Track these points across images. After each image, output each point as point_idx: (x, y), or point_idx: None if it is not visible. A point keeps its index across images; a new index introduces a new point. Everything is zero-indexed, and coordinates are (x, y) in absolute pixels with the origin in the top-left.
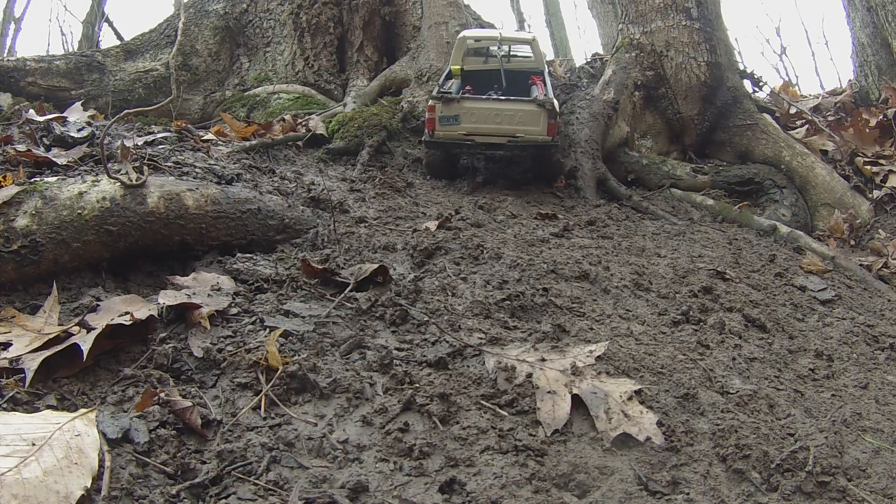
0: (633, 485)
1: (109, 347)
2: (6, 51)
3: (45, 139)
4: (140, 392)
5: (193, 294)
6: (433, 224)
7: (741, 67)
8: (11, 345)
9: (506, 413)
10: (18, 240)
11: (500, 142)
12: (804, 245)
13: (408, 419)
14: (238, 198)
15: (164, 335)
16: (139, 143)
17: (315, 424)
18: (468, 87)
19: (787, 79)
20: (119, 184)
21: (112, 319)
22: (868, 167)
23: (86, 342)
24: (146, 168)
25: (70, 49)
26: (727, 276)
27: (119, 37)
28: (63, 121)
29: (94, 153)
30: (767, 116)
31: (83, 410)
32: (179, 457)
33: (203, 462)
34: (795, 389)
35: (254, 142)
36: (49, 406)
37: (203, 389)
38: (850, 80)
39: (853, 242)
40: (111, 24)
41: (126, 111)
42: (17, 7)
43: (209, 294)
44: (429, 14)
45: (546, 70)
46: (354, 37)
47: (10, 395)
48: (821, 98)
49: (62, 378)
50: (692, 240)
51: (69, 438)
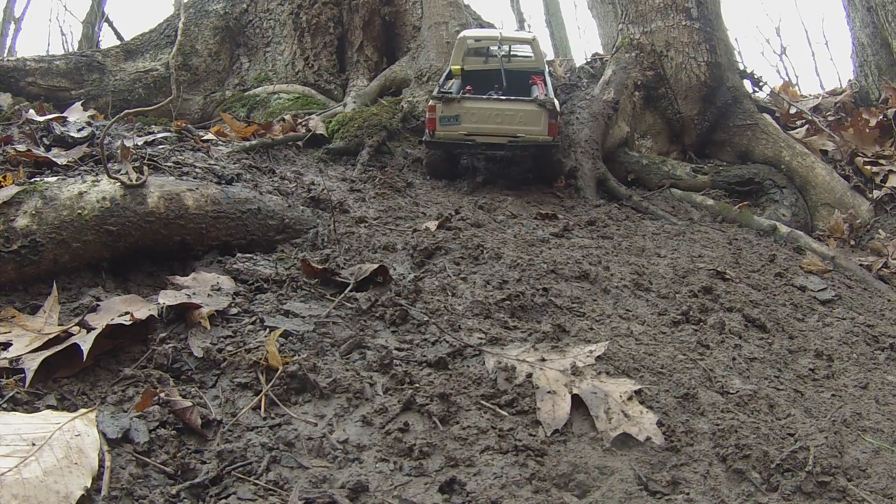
0: (633, 485)
1: (109, 347)
2: (6, 51)
3: (45, 139)
4: (140, 392)
5: (193, 294)
6: (433, 224)
7: (741, 67)
8: (11, 345)
9: (506, 413)
10: (18, 240)
11: (501, 142)
12: (804, 245)
13: (408, 419)
14: (238, 198)
15: (164, 335)
16: (139, 143)
17: (315, 424)
18: (468, 87)
19: (787, 79)
20: (119, 184)
21: (112, 319)
22: (868, 167)
23: (86, 342)
24: (146, 168)
25: (70, 49)
26: (727, 276)
27: (119, 37)
28: (63, 121)
29: (94, 153)
30: (767, 116)
31: (83, 410)
32: (179, 457)
33: (203, 462)
34: (795, 389)
35: (254, 142)
36: (49, 406)
37: (203, 389)
38: (850, 80)
39: (853, 242)
40: (111, 24)
41: (126, 111)
42: (17, 7)
43: (209, 294)
44: (429, 14)
45: (546, 70)
46: (354, 37)
47: (10, 395)
48: (821, 98)
49: (62, 378)
50: (692, 240)
51: (69, 438)
